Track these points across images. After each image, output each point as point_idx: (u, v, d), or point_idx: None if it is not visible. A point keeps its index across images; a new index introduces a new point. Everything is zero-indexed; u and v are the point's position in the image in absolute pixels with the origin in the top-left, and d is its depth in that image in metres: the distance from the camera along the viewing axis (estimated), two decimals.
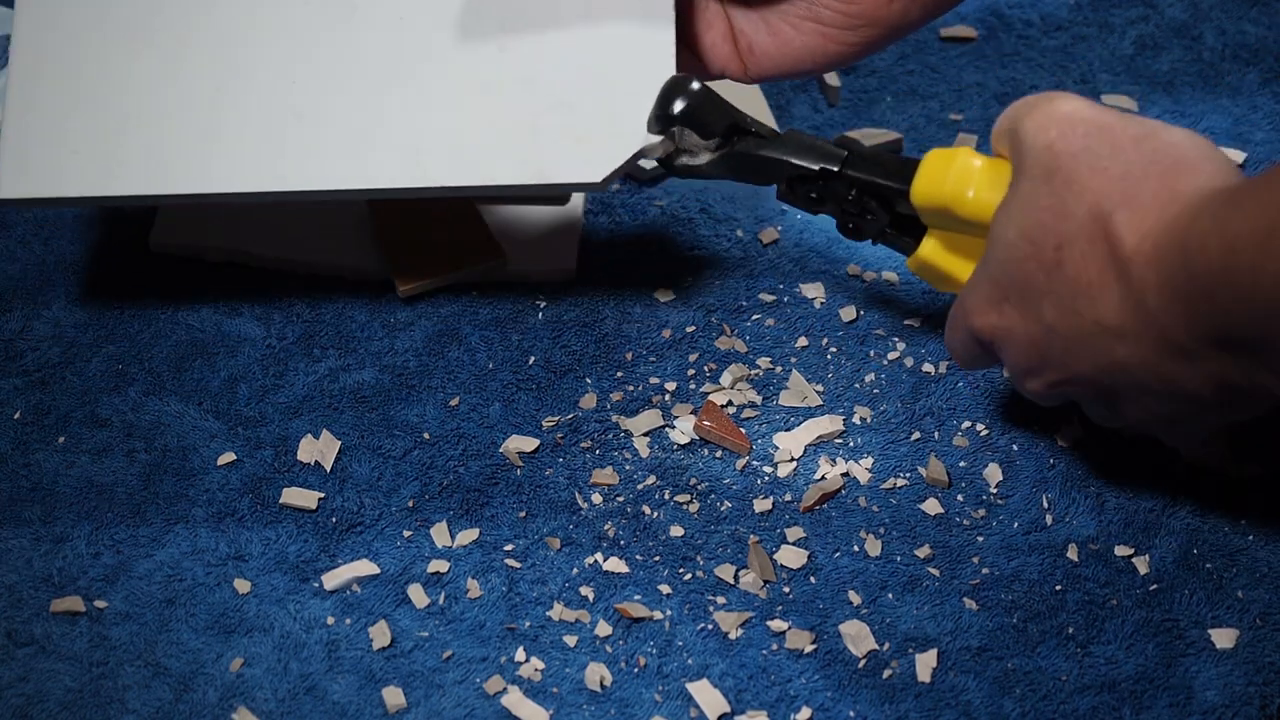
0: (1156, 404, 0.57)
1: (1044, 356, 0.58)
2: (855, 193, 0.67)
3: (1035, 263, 0.56)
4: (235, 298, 0.75)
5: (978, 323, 0.60)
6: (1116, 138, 0.55)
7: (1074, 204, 0.54)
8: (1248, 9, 0.87)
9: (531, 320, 0.74)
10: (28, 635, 0.63)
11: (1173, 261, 0.52)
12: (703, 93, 0.67)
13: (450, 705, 0.61)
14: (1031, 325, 0.57)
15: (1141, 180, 0.54)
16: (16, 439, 0.69)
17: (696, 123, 0.68)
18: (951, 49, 0.86)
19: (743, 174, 0.69)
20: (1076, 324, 0.55)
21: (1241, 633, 0.63)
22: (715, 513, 0.67)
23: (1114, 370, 0.56)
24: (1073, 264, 0.55)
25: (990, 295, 0.59)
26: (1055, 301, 0.56)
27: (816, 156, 0.67)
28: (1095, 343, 0.55)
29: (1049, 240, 0.55)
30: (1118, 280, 0.54)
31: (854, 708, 0.61)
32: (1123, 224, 0.53)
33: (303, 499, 0.67)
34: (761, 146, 0.68)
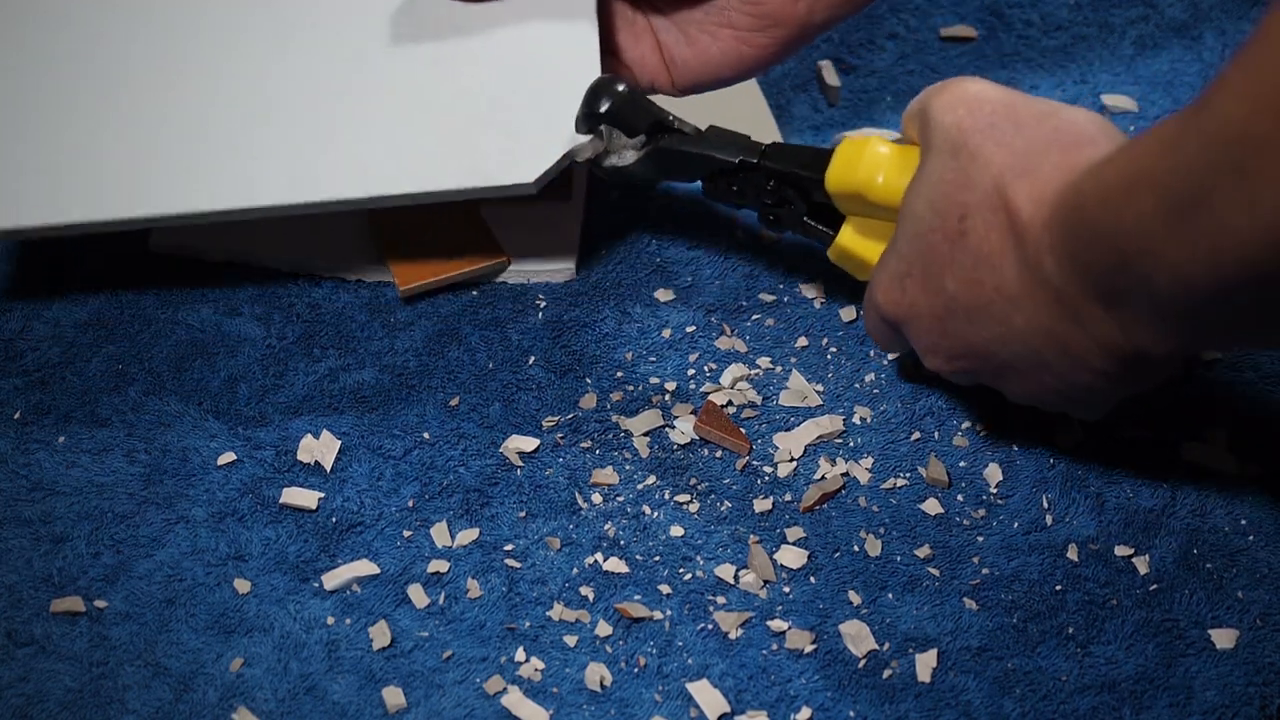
0: (1052, 377, 0.58)
1: (946, 330, 0.59)
2: (774, 184, 0.69)
3: (940, 234, 0.58)
4: (235, 298, 0.75)
5: (883, 300, 0.61)
6: (1020, 115, 0.57)
7: (978, 176, 0.56)
8: (1248, 9, 0.87)
9: (531, 320, 0.74)
10: (28, 635, 0.63)
11: (1064, 221, 0.54)
12: (627, 93, 0.70)
13: (450, 705, 0.61)
14: (934, 299, 0.59)
15: (1042, 153, 0.56)
16: (16, 439, 0.69)
17: (621, 122, 0.70)
18: (951, 49, 0.86)
19: (668, 171, 0.71)
20: (978, 293, 0.57)
21: (1241, 633, 0.63)
22: (715, 513, 0.67)
23: (1012, 340, 0.57)
24: (975, 234, 0.56)
25: (895, 271, 0.61)
26: (958, 272, 0.57)
27: (736, 150, 0.70)
28: (994, 311, 0.57)
29: (954, 211, 0.57)
30: (1015, 247, 0.55)
31: (854, 708, 0.61)
32: (1021, 193, 0.55)
33: (303, 499, 0.67)
34: (683, 143, 0.70)
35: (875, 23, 0.87)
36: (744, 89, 0.84)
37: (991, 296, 0.57)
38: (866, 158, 0.64)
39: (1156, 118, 0.82)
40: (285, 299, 0.75)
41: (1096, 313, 0.54)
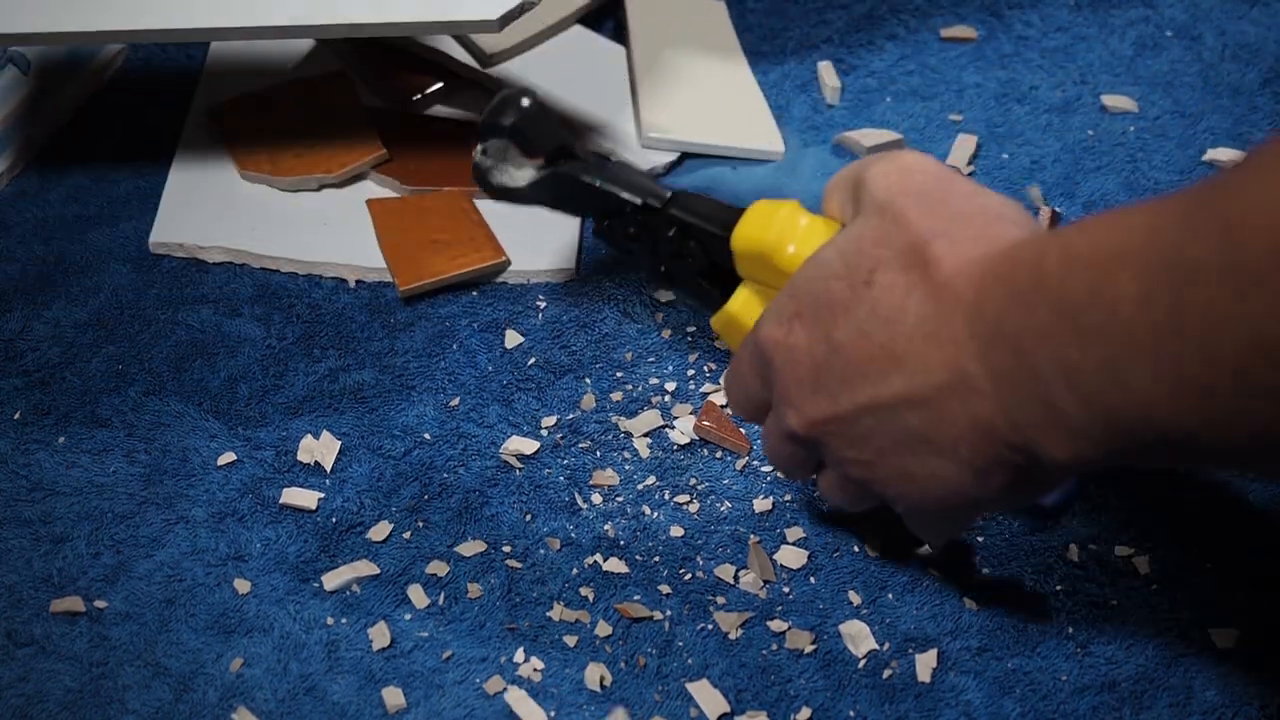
0: (912, 460, 0.54)
1: (818, 381, 0.56)
2: (675, 232, 0.65)
3: (845, 282, 0.55)
4: (235, 298, 0.75)
5: (764, 334, 0.58)
6: (951, 188, 0.56)
7: (897, 234, 0.55)
8: (1248, 9, 0.87)
9: (531, 320, 0.74)
10: (28, 635, 0.63)
11: (999, 279, 0.51)
12: (535, 109, 0.66)
13: (450, 705, 0.61)
14: (817, 344, 0.56)
15: (966, 222, 0.54)
16: (16, 439, 0.69)
17: (525, 138, 0.67)
18: (951, 49, 0.86)
19: (561, 201, 0.68)
20: (862, 348, 0.54)
21: (1241, 633, 0.63)
22: (715, 513, 0.67)
23: (880, 409, 0.54)
24: (880, 287, 0.54)
25: (785, 309, 0.57)
26: (849, 321, 0.55)
27: (640, 191, 0.66)
28: (872, 371, 0.54)
29: (865, 262, 0.55)
30: (924, 302, 0.53)
31: (854, 708, 0.61)
32: (942, 249, 0.53)
33: (303, 499, 0.67)
34: (585, 172, 0.67)
35: (875, 23, 0.87)
36: (744, 88, 0.84)
37: (874, 354, 0.54)
38: (780, 222, 0.60)
39: (1157, 118, 0.83)
40: (285, 299, 0.75)
41: (987, 390, 0.51)
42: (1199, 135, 0.82)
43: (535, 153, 0.67)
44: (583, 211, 0.67)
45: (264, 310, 0.74)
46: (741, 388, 0.61)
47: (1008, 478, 0.53)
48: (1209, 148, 0.81)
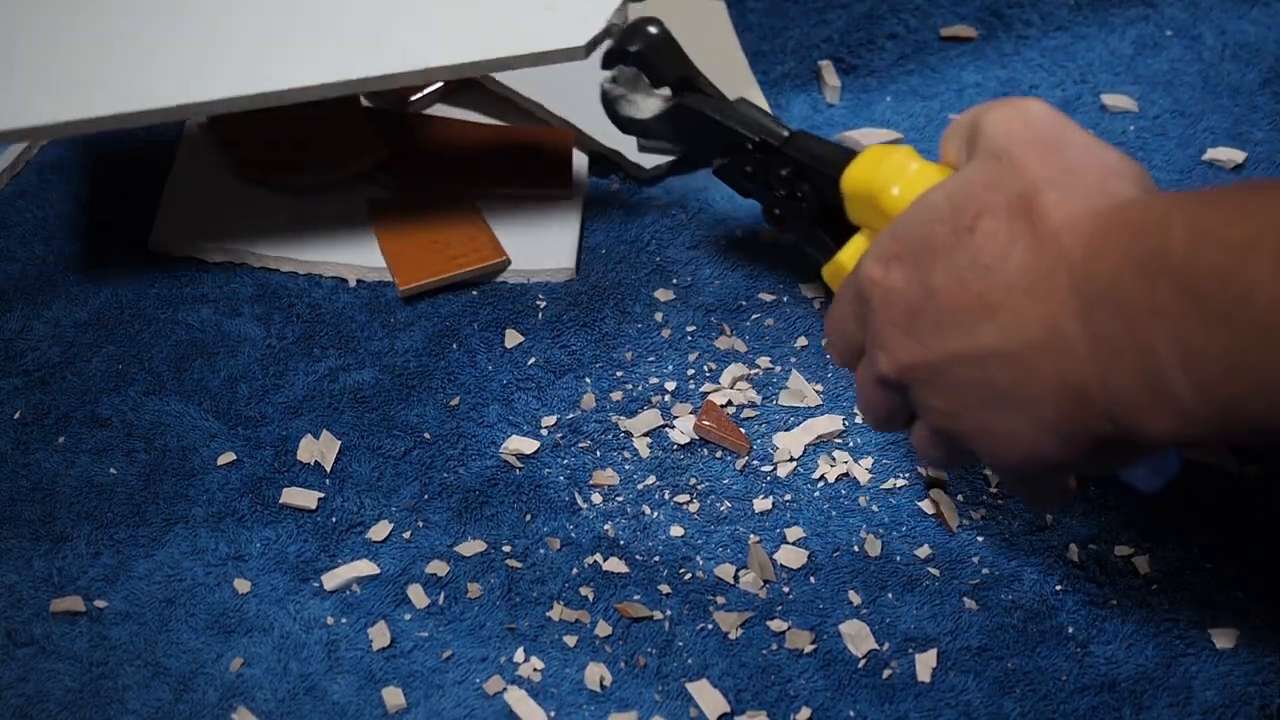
0: (996, 416, 0.53)
1: (910, 325, 0.55)
2: (789, 172, 0.65)
3: (948, 225, 0.54)
4: (235, 298, 0.75)
5: (864, 273, 0.56)
6: (1069, 138, 0.54)
7: (1009, 180, 0.53)
8: (1248, 9, 0.87)
9: (531, 320, 0.74)
10: (28, 635, 0.63)
11: (1113, 241, 0.49)
12: (661, 37, 0.67)
13: (450, 705, 0.61)
14: (914, 287, 0.54)
15: (1080, 174, 0.53)
16: (16, 439, 0.69)
17: (650, 66, 0.67)
18: (951, 49, 0.86)
19: (684, 135, 0.68)
20: (958, 296, 0.53)
21: (1241, 633, 0.63)
22: (715, 513, 0.67)
23: (970, 360, 0.53)
24: (983, 233, 0.53)
25: (885, 249, 0.56)
26: (949, 267, 0.53)
27: (758, 128, 0.66)
28: (966, 319, 0.52)
29: (971, 207, 0.54)
30: (1028, 253, 0.51)
31: (854, 708, 0.61)
32: (1051, 202, 0.52)
33: (303, 499, 0.67)
34: (708, 106, 0.67)
35: (875, 23, 0.87)
36: (744, 88, 0.84)
37: (970, 303, 0.52)
38: (890, 165, 0.60)
39: (1157, 118, 0.82)
40: (285, 299, 0.75)
41: (1084, 353, 0.49)
42: (1199, 135, 0.82)
43: (660, 82, 0.67)
44: (703, 147, 0.68)
45: (264, 310, 0.74)
46: (839, 329, 0.60)
47: (1091, 444, 0.51)
48: (1209, 147, 0.81)
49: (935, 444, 0.57)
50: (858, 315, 0.58)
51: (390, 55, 0.68)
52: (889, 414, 0.58)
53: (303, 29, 0.69)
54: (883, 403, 0.58)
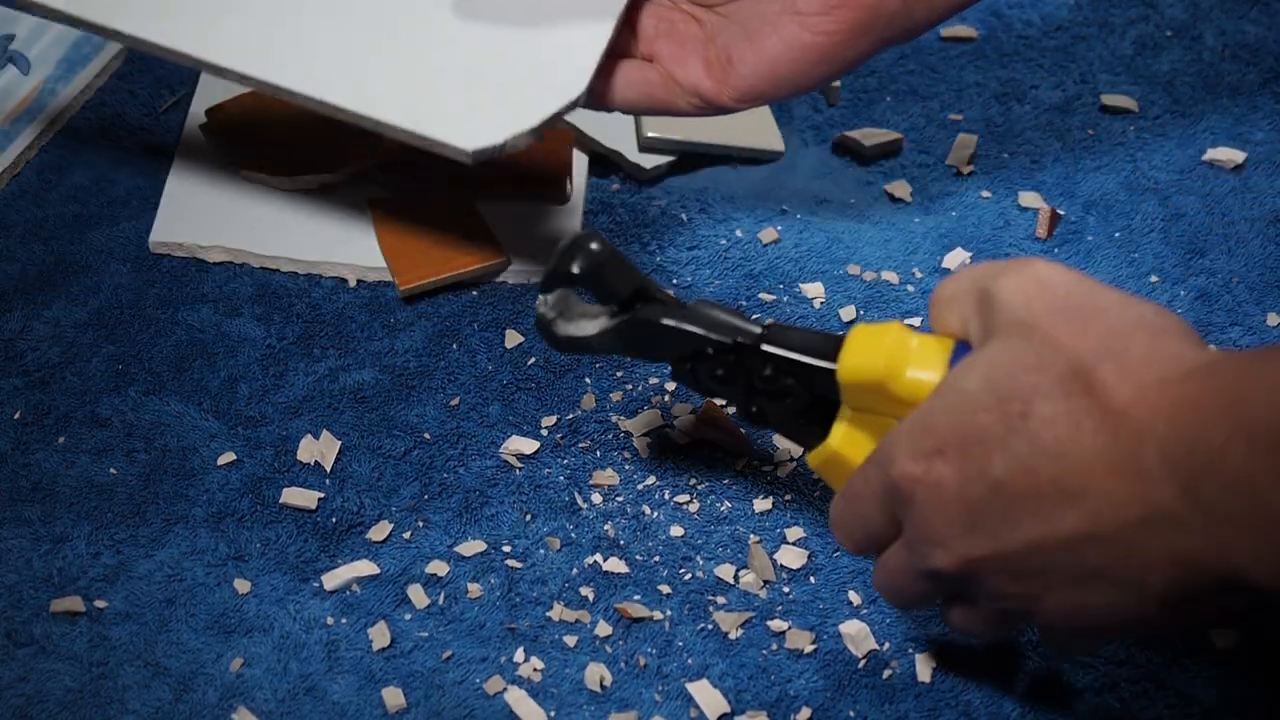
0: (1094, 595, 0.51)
1: (975, 520, 0.52)
2: (771, 371, 0.60)
3: (996, 415, 0.51)
4: (235, 298, 0.75)
5: (900, 470, 0.53)
6: (1098, 300, 0.52)
7: (1052, 359, 0.51)
8: (1248, 9, 0.87)
9: (531, 320, 0.74)
10: (28, 635, 0.63)
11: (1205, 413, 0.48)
12: (605, 253, 0.61)
13: (450, 705, 0.61)
14: (970, 482, 0.52)
15: (1129, 338, 0.51)
16: (16, 439, 0.69)
17: (599, 285, 0.62)
18: (951, 49, 0.86)
19: (637, 346, 0.63)
20: (1030, 483, 0.50)
21: (1241, 633, 0.63)
22: (715, 513, 0.67)
23: (1053, 546, 0.51)
24: (1041, 419, 0.50)
25: (921, 444, 0.53)
26: (1010, 457, 0.51)
27: (730, 330, 0.61)
28: (1043, 508, 0.50)
29: (1018, 392, 0.51)
30: (1100, 432, 0.49)
31: (854, 708, 0.61)
32: (1110, 376, 0.50)
33: (303, 499, 0.67)
34: (666, 315, 0.62)
35: None
36: None
37: (1043, 489, 0.50)
38: (889, 346, 0.56)
39: (1157, 118, 0.82)
40: (285, 299, 0.75)
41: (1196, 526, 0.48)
42: (1199, 135, 0.82)
43: (609, 300, 0.62)
44: (661, 356, 0.63)
45: (264, 310, 0.74)
46: (861, 524, 0.57)
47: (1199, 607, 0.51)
48: (1209, 148, 0.81)
49: (992, 623, 0.56)
50: (888, 512, 0.55)
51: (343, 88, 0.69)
52: (925, 600, 0.57)
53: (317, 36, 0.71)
54: (923, 591, 0.56)
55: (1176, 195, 0.79)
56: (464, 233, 0.76)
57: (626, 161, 0.80)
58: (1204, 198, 0.79)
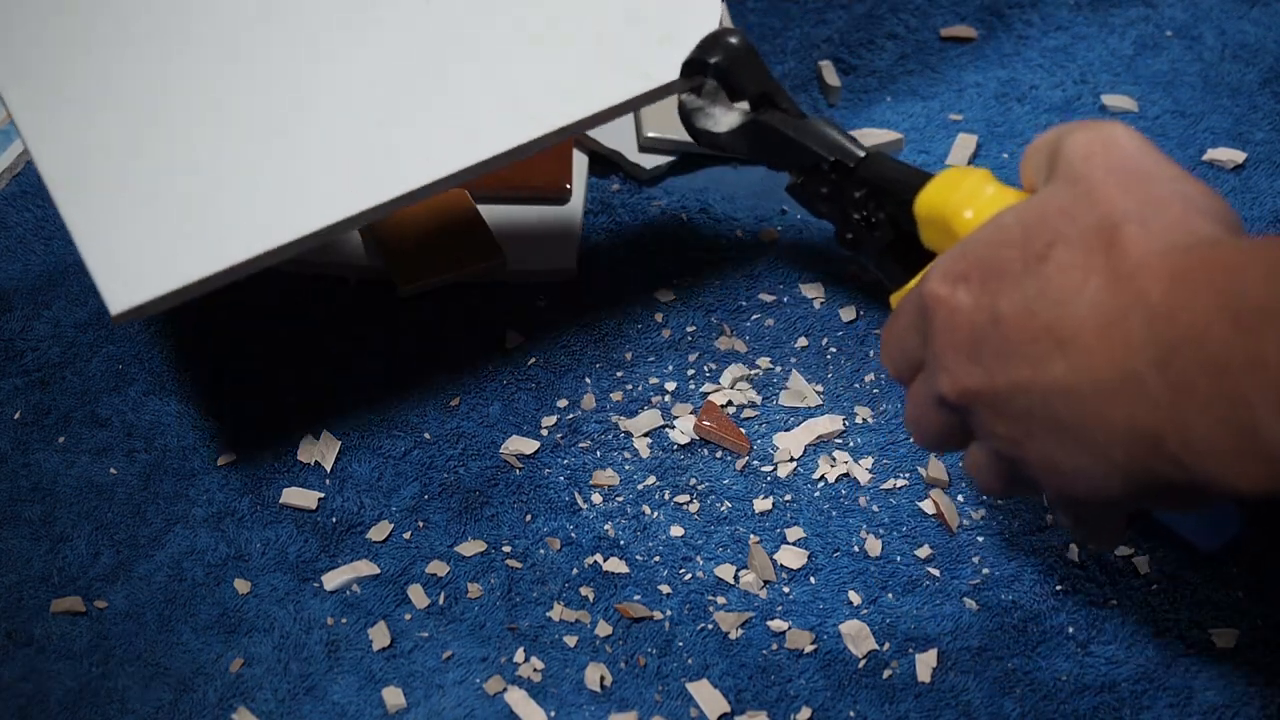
0: (1058, 449, 0.52)
1: (974, 349, 0.53)
2: (863, 195, 0.64)
3: (1019, 250, 0.53)
4: (235, 298, 0.75)
5: (929, 287, 0.55)
6: (1154, 169, 0.53)
7: (1086, 209, 0.52)
8: (1248, 9, 0.87)
9: (531, 320, 0.74)
10: (28, 635, 0.63)
11: (1198, 284, 0.48)
12: (743, 49, 0.66)
13: (450, 705, 0.61)
14: (980, 312, 0.53)
15: (1162, 207, 0.51)
16: (16, 439, 0.69)
17: (730, 79, 0.66)
18: (951, 49, 0.86)
19: (759, 151, 0.67)
20: (1025, 325, 0.51)
21: (1241, 633, 0.63)
22: (715, 513, 0.67)
23: (1035, 390, 0.51)
24: (1057, 263, 0.51)
25: (953, 269, 0.54)
26: (1018, 294, 0.52)
27: (835, 149, 0.65)
28: (1033, 351, 0.51)
29: (1044, 234, 0.52)
30: (1103, 290, 0.50)
31: (854, 708, 0.61)
32: (1131, 236, 0.50)
33: (303, 499, 0.67)
34: (786, 125, 0.66)
35: (875, 23, 0.87)
36: None
37: (1038, 334, 0.51)
38: (965, 188, 0.58)
39: (1157, 118, 0.82)
40: (285, 299, 0.75)
41: (1161, 400, 0.48)
42: (1199, 135, 0.82)
43: (738, 96, 0.66)
44: (779, 165, 0.66)
45: (264, 310, 0.74)
46: (898, 342, 0.58)
47: (1158, 488, 0.50)
48: (1209, 148, 0.81)
49: (995, 469, 0.56)
50: (919, 330, 0.56)
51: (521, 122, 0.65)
52: (941, 434, 0.57)
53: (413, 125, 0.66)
54: (938, 422, 0.56)
55: None
56: (464, 233, 0.76)
57: (626, 161, 0.80)
58: None
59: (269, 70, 0.66)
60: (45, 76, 0.66)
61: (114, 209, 0.62)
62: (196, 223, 0.62)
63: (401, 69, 0.67)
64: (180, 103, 0.65)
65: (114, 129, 0.64)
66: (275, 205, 0.63)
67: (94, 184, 0.63)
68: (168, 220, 0.62)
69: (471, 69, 0.67)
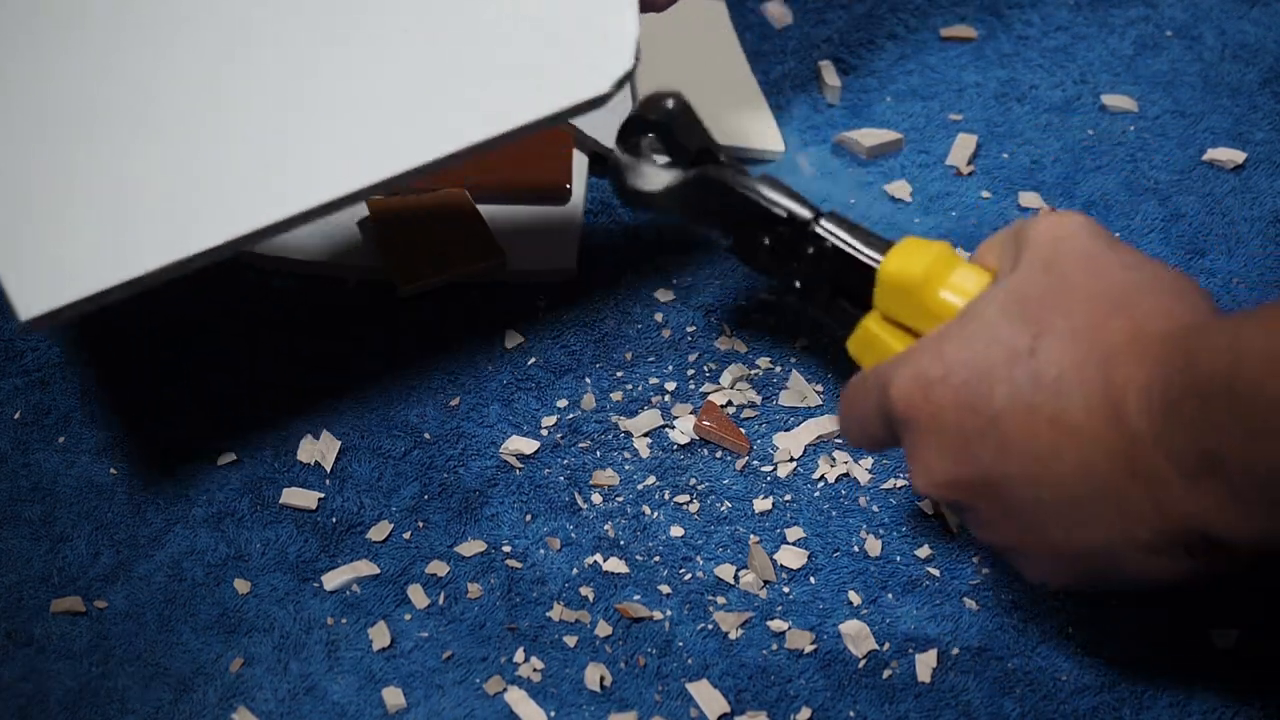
0: (1083, 538, 0.52)
1: (970, 449, 0.53)
2: (814, 251, 0.63)
3: (1003, 347, 0.52)
4: (236, 298, 0.74)
5: (898, 395, 0.55)
6: (1121, 253, 0.54)
7: (1066, 299, 0.52)
8: (1248, 9, 0.87)
9: (531, 320, 0.74)
10: (28, 635, 0.63)
11: (1170, 367, 0.49)
12: (682, 106, 0.64)
13: (450, 705, 0.61)
14: (968, 414, 0.53)
15: (1141, 293, 0.52)
16: (16, 439, 0.69)
17: (670, 136, 0.65)
18: (951, 49, 0.86)
19: (697, 208, 0.65)
20: (1026, 421, 0.52)
21: (1241, 633, 0.63)
22: (715, 513, 0.67)
23: (1047, 483, 0.52)
24: (1046, 356, 0.51)
25: (926, 371, 0.54)
26: (1011, 390, 0.52)
27: (793, 202, 0.63)
28: (1038, 446, 0.51)
29: (1029, 327, 0.52)
30: (1095, 378, 0.51)
31: (854, 708, 0.61)
32: (1116, 328, 0.51)
33: (303, 499, 0.67)
34: (732, 179, 0.64)
35: (875, 23, 0.87)
36: (745, 89, 0.84)
37: (1041, 428, 0.51)
38: (933, 261, 0.58)
39: (1157, 118, 0.82)
40: (286, 299, 0.75)
41: (1172, 476, 0.49)
42: (1199, 135, 0.82)
43: (679, 154, 0.65)
44: (718, 221, 0.65)
45: (264, 310, 0.74)
46: (862, 430, 0.59)
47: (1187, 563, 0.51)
48: (1209, 148, 0.81)
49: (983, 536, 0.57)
50: (888, 427, 0.57)
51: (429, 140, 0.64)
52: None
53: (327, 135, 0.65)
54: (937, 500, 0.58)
55: (1176, 195, 0.79)
56: (464, 233, 0.76)
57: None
58: (1204, 198, 0.79)
59: (190, 71, 0.65)
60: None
61: (25, 214, 0.61)
62: (112, 228, 0.61)
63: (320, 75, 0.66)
64: (99, 104, 0.64)
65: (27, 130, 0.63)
66: (195, 210, 0.62)
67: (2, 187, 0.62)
68: (81, 225, 0.61)
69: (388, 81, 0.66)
